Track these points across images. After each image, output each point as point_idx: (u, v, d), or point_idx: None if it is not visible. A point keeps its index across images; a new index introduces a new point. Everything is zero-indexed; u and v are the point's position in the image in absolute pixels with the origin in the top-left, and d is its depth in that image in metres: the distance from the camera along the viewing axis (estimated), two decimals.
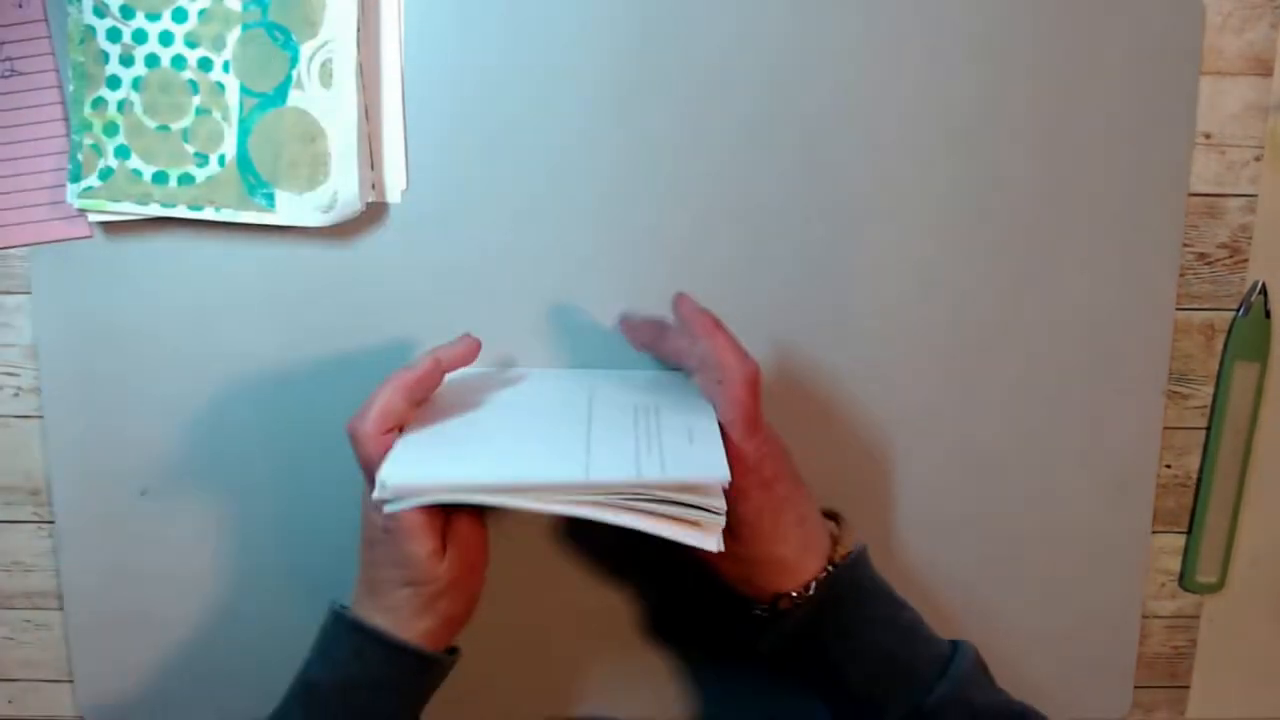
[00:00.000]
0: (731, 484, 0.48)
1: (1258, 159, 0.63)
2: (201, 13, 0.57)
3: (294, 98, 0.58)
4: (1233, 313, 0.65)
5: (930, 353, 0.64)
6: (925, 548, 0.66)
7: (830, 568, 0.54)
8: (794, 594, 0.54)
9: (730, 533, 0.51)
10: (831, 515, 0.59)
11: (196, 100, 0.58)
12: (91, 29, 0.57)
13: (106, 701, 0.66)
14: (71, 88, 0.58)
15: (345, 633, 0.53)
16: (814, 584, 0.54)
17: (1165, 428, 0.66)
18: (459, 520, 0.54)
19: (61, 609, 0.65)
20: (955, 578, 0.67)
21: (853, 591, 0.55)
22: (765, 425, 0.54)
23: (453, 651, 0.57)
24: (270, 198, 0.59)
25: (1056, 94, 0.62)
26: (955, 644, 0.56)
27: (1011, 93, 0.62)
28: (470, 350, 0.56)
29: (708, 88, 0.61)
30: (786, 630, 0.55)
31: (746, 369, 0.53)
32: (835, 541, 0.56)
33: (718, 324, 0.55)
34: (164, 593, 0.65)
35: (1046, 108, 0.62)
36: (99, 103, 0.58)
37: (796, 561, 0.54)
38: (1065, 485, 0.66)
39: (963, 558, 0.67)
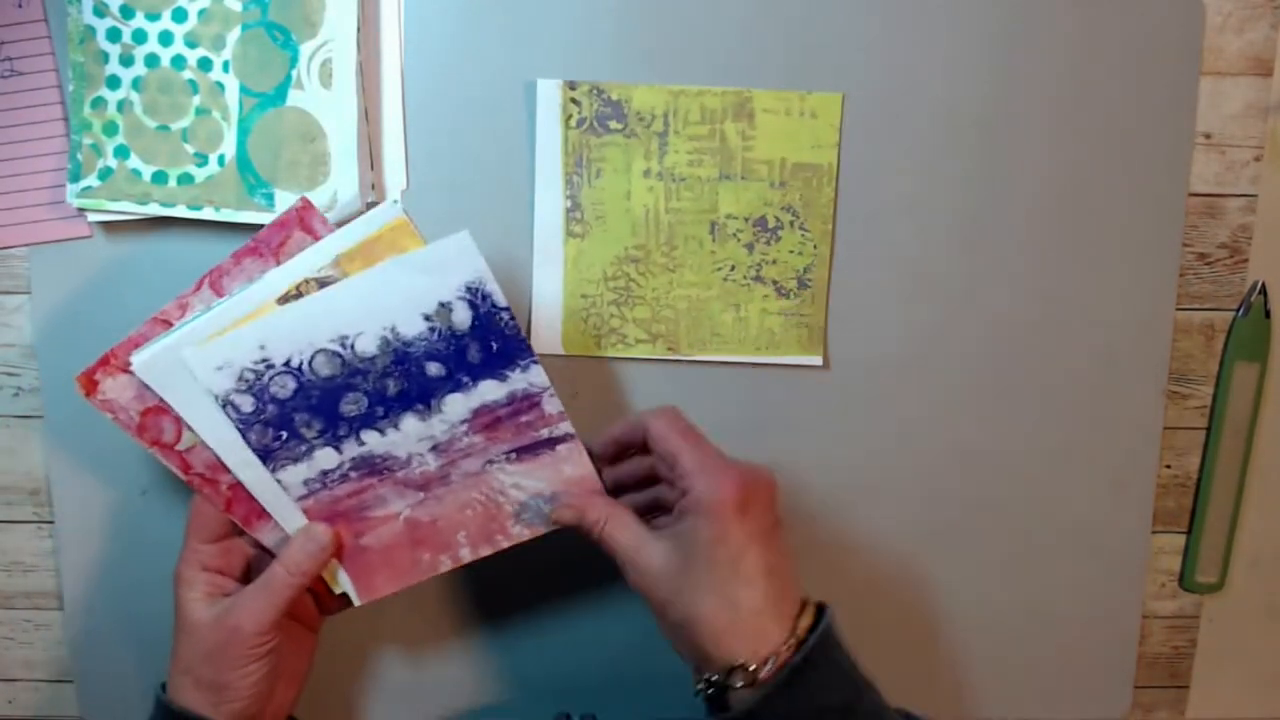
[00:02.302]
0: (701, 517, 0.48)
1: (1258, 159, 0.63)
2: (201, 13, 0.57)
3: (294, 97, 0.58)
4: (1233, 313, 0.65)
5: (930, 352, 0.64)
6: (925, 547, 0.66)
7: (793, 637, 0.48)
8: (750, 666, 0.47)
9: (676, 572, 0.48)
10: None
11: (196, 100, 0.58)
12: (91, 29, 0.57)
13: (106, 701, 0.66)
14: (71, 88, 0.58)
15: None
16: (772, 659, 0.47)
17: (1165, 428, 0.66)
18: (255, 585, 0.54)
19: (61, 609, 0.65)
20: (955, 577, 0.67)
21: (817, 673, 0.48)
22: (740, 476, 0.49)
23: None
24: (270, 197, 0.59)
25: (1056, 94, 0.62)
26: None
27: (1011, 93, 0.62)
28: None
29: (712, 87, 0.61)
30: (744, 705, 0.47)
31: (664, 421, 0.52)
32: (800, 611, 0.49)
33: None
34: (164, 593, 0.64)
35: (1046, 108, 0.62)
36: (99, 103, 0.58)
37: (732, 643, 0.47)
38: (1065, 485, 0.66)
39: (962, 557, 0.67)
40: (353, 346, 0.52)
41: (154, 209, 0.59)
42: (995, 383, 0.65)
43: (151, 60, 0.58)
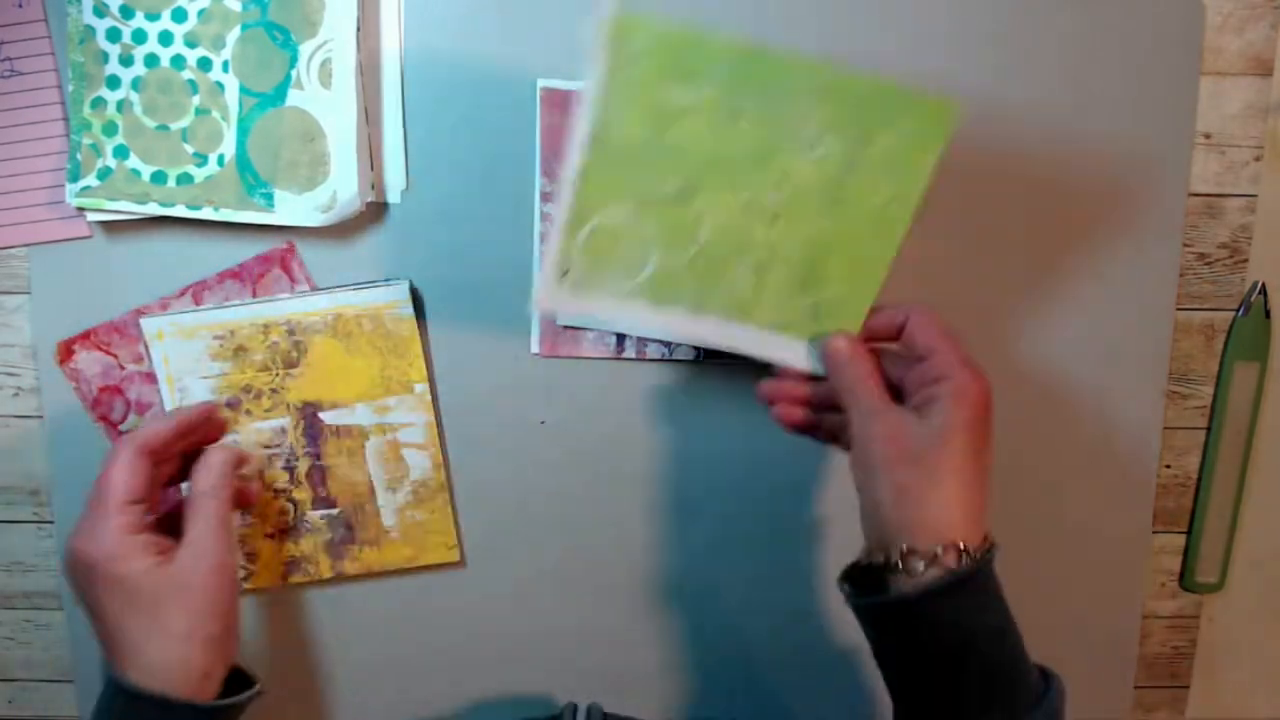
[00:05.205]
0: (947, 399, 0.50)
1: (1258, 159, 0.63)
2: (201, 12, 0.57)
3: (293, 97, 0.58)
4: (1233, 313, 0.65)
5: None
6: None
7: (987, 549, 0.49)
8: (935, 551, 0.48)
9: (915, 440, 0.50)
10: None
11: (196, 100, 0.58)
12: (91, 29, 0.57)
13: None
14: (71, 88, 0.58)
15: (119, 702, 0.49)
16: (964, 554, 0.48)
17: (1165, 428, 0.66)
18: (194, 523, 0.52)
19: (61, 609, 0.65)
20: None
21: (986, 585, 0.50)
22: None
23: (246, 687, 0.53)
24: (269, 197, 0.59)
25: (1056, 94, 0.62)
26: (1046, 676, 0.51)
27: (1011, 93, 0.62)
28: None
29: None
30: (904, 593, 0.48)
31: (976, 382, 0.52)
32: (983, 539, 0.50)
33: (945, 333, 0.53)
34: None
35: (1046, 108, 0.62)
36: (98, 103, 0.58)
37: (956, 518, 0.49)
38: (1065, 485, 0.66)
39: None
40: None
41: (153, 209, 0.59)
42: (994, 382, 0.65)
43: (151, 60, 0.57)
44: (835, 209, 0.54)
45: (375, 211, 0.61)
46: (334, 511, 0.62)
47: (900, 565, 0.48)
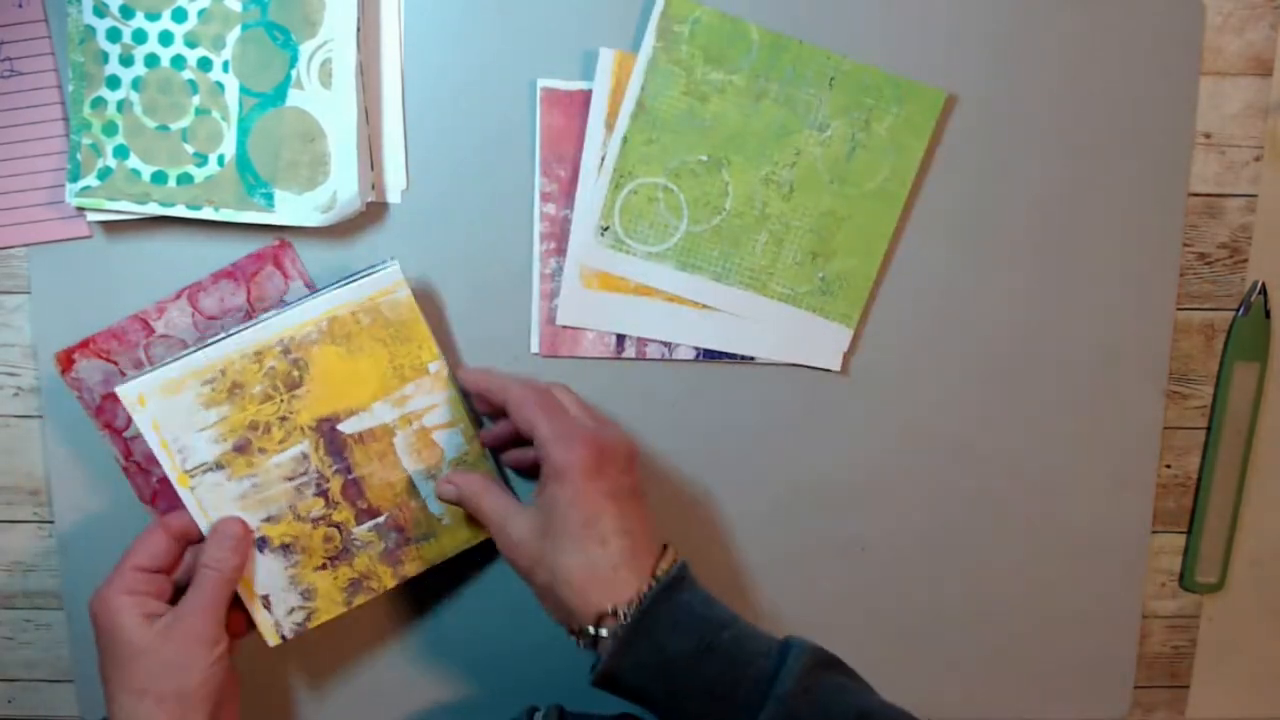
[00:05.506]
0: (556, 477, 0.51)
1: (1258, 159, 0.63)
2: (201, 13, 0.57)
3: (293, 97, 0.58)
4: (1233, 313, 0.65)
5: (930, 352, 0.64)
6: (925, 547, 0.66)
7: (652, 582, 0.51)
8: (613, 609, 0.50)
9: (538, 537, 0.52)
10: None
11: (196, 100, 0.58)
12: (91, 29, 0.57)
13: None
14: (71, 88, 0.58)
15: None
16: (631, 602, 0.50)
17: (1165, 428, 0.66)
18: (190, 593, 0.54)
19: (62, 609, 0.65)
20: (955, 577, 0.67)
21: (666, 616, 0.50)
22: (596, 431, 0.54)
23: None
24: (269, 197, 0.59)
25: (1057, 94, 0.62)
26: (783, 656, 0.50)
27: (1011, 93, 0.62)
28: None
29: None
30: (605, 659, 0.50)
31: (526, 394, 0.55)
32: (658, 560, 0.52)
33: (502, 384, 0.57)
34: None
35: (1047, 108, 0.62)
36: (98, 103, 0.58)
37: (611, 574, 0.51)
38: (1065, 485, 0.66)
39: (963, 557, 0.67)
40: None
41: (153, 209, 0.59)
42: (995, 383, 0.65)
43: (151, 60, 0.57)
44: (841, 186, 0.60)
45: (375, 211, 0.61)
46: (380, 520, 0.59)
47: (584, 644, 0.51)
